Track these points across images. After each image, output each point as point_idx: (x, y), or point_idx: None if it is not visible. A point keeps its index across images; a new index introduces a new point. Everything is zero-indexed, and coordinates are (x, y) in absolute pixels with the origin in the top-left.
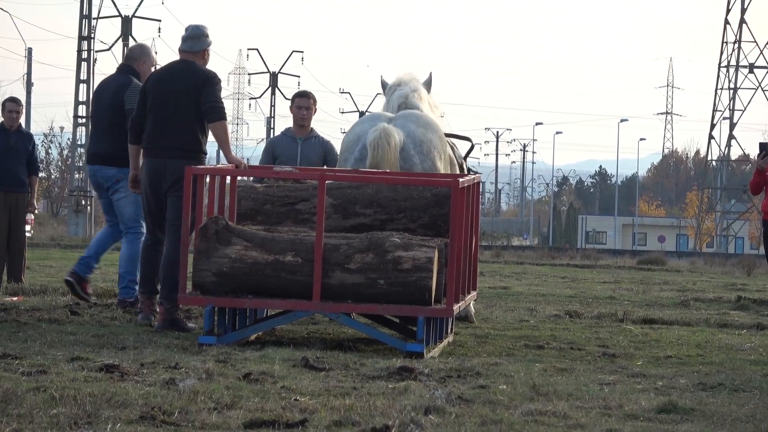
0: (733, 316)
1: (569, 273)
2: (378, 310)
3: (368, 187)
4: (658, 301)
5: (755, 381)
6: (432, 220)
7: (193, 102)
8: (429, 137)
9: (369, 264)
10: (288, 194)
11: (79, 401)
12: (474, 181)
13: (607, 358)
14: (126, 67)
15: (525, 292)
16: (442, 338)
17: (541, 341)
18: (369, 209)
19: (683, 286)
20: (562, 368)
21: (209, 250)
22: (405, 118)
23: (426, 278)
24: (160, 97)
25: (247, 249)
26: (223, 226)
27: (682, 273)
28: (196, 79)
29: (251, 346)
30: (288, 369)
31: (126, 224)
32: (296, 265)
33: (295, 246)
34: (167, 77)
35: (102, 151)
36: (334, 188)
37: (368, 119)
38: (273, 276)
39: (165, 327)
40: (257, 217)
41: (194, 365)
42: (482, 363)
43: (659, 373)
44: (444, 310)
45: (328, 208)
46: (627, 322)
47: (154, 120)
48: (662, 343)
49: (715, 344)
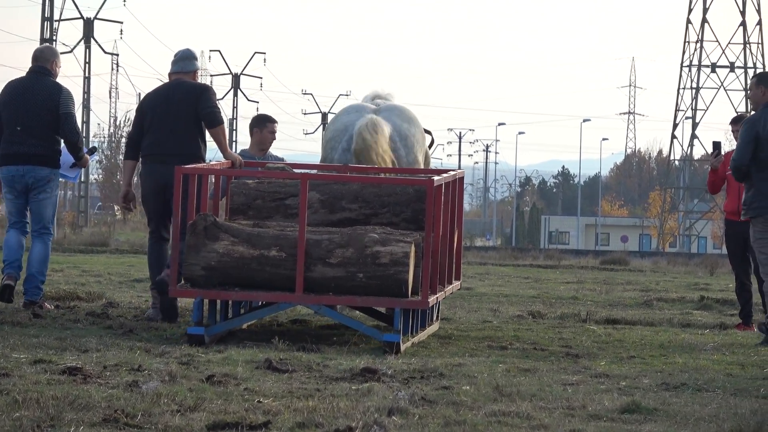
0: (696, 315)
1: (532, 273)
2: (357, 302)
3: (354, 183)
4: (621, 301)
5: (718, 381)
6: (414, 215)
7: (191, 111)
8: (413, 132)
9: (349, 258)
10: (278, 190)
11: (42, 404)
12: (455, 177)
13: (571, 358)
14: (41, 69)
15: (488, 292)
16: (424, 326)
17: (504, 342)
18: (354, 204)
19: (646, 286)
20: (526, 369)
21: (198, 245)
22: (389, 111)
23: (402, 272)
24: (160, 110)
25: (234, 244)
26: (211, 223)
27: (645, 273)
28: (193, 90)
29: (214, 348)
30: (251, 371)
31: (44, 224)
32: (280, 259)
33: (280, 241)
34: (164, 93)
35: (36, 151)
36: (321, 184)
37: (354, 110)
38: (258, 270)
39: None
40: (248, 211)
41: (157, 367)
42: (445, 364)
43: (622, 373)
44: (419, 302)
45: (316, 203)
46: (590, 322)
47: (155, 130)
48: (625, 343)
49: (678, 344)
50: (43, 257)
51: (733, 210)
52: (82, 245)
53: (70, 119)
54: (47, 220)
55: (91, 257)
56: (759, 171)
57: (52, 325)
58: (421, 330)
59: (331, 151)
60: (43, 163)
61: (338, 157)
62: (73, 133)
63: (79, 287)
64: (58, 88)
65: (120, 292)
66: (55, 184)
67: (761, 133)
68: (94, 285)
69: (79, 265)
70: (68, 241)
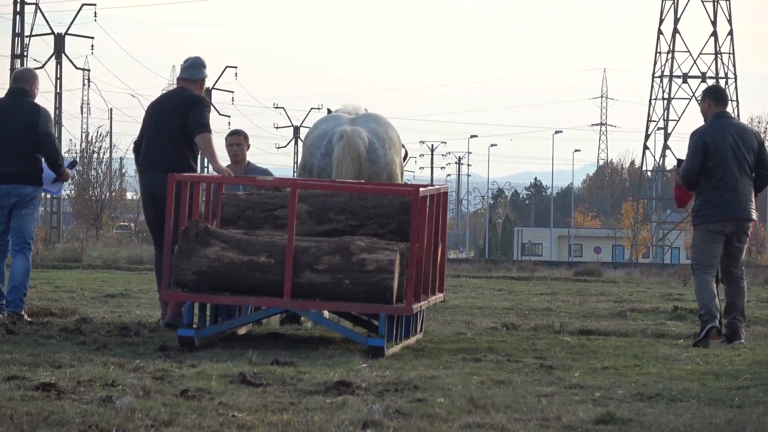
0: (669, 326)
1: (506, 285)
2: (343, 307)
3: (341, 195)
4: (594, 312)
5: (693, 391)
6: (399, 226)
7: (180, 121)
8: (390, 134)
9: (336, 265)
10: (268, 201)
11: (16, 421)
12: (440, 191)
13: (545, 369)
14: (20, 90)
15: (462, 305)
16: (408, 335)
17: (478, 354)
18: (341, 216)
19: (620, 297)
20: (500, 380)
21: (190, 250)
22: (366, 118)
23: (388, 279)
24: (154, 119)
25: (225, 250)
26: (202, 229)
27: (618, 284)
28: (185, 100)
29: (188, 361)
30: (225, 385)
31: (25, 239)
32: (269, 265)
33: (269, 248)
34: (162, 101)
35: (20, 171)
36: (310, 196)
37: (331, 118)
38: (248, 275)
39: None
40: (239, 222)
41: (131, 382)
42: (419, 376)
43: (597, 384)
44: (404, 308)
45: (304, 214)
46: (564, 333)
47: (147, 139)
48: (599, 354)
49: (652, 354)
50: (25, 271)
51: None
52: (55, 261)
53: (50, 138)
54: (28, 236)
55: (64, 273)
56: (707, 180)
57: (26, 341)
58: (405, 339)
59: (310, 157)
60: (26, 181)
61: (318, 163)
62: (53, 152)
63: (52, 303)
64: (37, 108)
65: (93, 307)
66: (38, 201)
67: (709, 143)
68: (68, 301)
69: (52, 281)
70: (41, 257)
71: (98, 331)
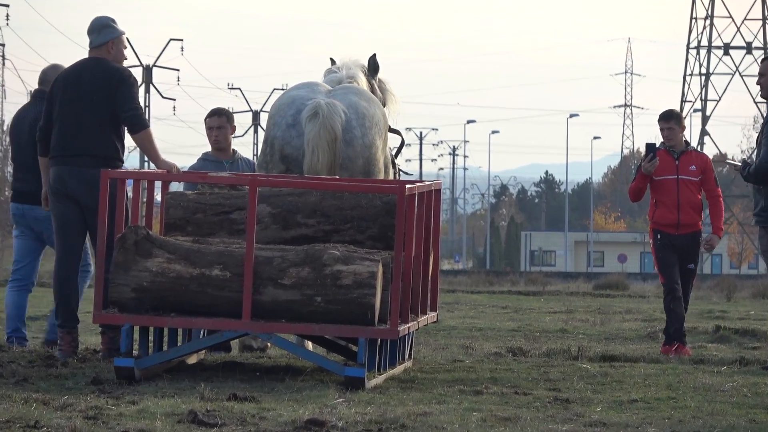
0: (710, 349)
1: (511, 302)
2: (314, 330)
3: (311, 194)
4: (619, 333)
5: (738, 428)
6: (382, 231)
7: (104, 104)
8: (372, 112)
9: (305, 279)
10: (222, 202)
11: None
12: (431, 188)
13: (560, 403)
14: (41, 93)
15: (458, 325)
16: (394, 363)
17: (478, 385)
18: (312, 219)
19: (650, 315)
20: (505, 417)
21: (128, 262)
22: (346, 90)
23: (368, 295)
24: (68, 99)
25: (170, 262)
26: (143, 236)
27: (648, 299)
28: (107, 78)
29: (126, 397)
30: (172, 425)
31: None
32: (224, 279)
33: (223, 259)
34: (74, 77)
35: (30, 189)
36: (273, 195)
37: (305, 86)
38: (198, 292)
39: (111, 355)
40: (187, 227)
41: (58, 423)
42: (408, 413)
43: (623, 420)
44: (388, 331)
45: (266, 217)
46: (582, 359)
47: (61, 125)
48: (625, 384)
49: (690, 384)
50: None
51: (671, 222)
52: None
53: None
54: None
55: None
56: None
57: None
58: (390, 368)
59: (273, 128)
60: (39, 201)
61: (281, 135)
62: None
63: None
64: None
65: None
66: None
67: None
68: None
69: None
70: None
71: (18, 361)
